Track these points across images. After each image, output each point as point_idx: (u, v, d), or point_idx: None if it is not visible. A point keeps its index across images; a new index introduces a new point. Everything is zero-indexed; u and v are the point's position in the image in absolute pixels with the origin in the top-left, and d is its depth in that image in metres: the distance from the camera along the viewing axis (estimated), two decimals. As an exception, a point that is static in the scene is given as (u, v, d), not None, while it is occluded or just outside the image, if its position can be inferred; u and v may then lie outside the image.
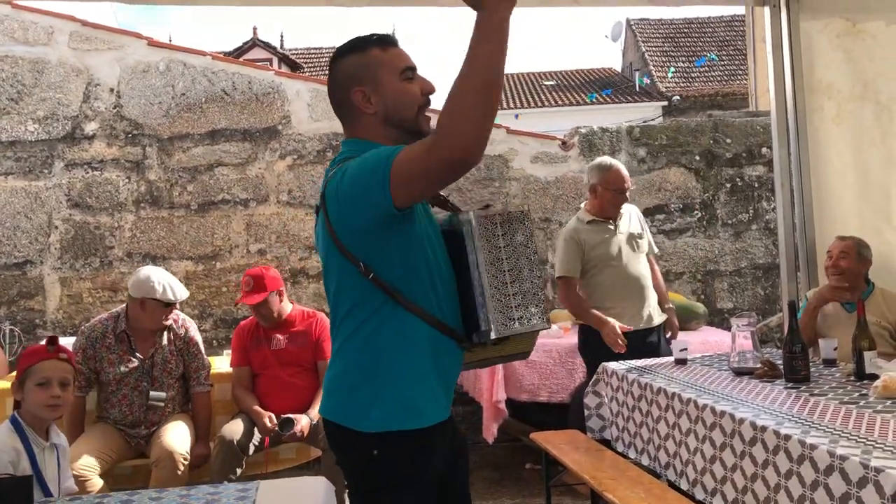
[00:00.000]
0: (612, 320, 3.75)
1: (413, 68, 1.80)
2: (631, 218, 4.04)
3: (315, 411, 3.71)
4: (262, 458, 3.73)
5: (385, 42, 1.81)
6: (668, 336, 4.03)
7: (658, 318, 3.99)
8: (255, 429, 3.68)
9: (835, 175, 4.08)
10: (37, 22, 5.35)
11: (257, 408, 3.71)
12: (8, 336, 5.09)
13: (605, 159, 4.03)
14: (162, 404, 3.61)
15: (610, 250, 3.89)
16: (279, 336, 3.84)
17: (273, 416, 3.65)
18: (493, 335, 1.72)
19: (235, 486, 2.32)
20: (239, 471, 3.52)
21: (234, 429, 3.60)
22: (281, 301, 3.84)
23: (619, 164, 4.00)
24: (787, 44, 4.19)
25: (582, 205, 4.07)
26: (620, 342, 3.69)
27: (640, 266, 3.96)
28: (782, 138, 4.24)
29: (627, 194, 3.94)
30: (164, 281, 3.61)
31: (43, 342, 2.56)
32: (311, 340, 3.84)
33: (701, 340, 4.42)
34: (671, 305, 4.12)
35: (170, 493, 2.27)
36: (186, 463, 3.43)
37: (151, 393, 3.59)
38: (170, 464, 3.36)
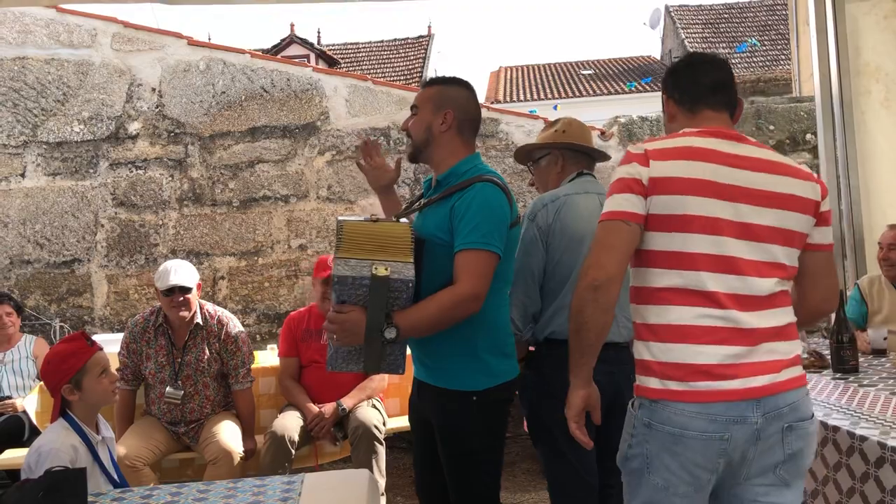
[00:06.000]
0: None
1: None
2: None
3: (350, 401, 3.74)
4: (309, 451, 3.77)
5: None
6: None
7: None
8: (304, 422, 3.71)
9: (883, 160, 3.99)
10: (81, 24, 5.46)
11: (311, 405, 3.75)
12: (58, 332, 5.22)
13: None
14: (178, 401, 3.61)
15: None
16: None
17: (324, 410, 3.70)
18: None
19: (281, 479, 2.34)
20: (287, 465, 3.55)
21: (285, 424, 3.62)
22: None
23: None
24: (831, 26, 4.09)
25: None
26: None
27: None
28: (827, 124, 4.16)
29: None
30: (169, 267, 3.62)
31: (68, 341, 2.61)
32: None
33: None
34: None
35: (217, 486, 2.31)
36: (241, 460, 3.49)
37: (168, 389, 3.60)
38: (227, 462, 3.42)
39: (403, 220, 2.30)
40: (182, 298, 3.58)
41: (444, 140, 2.33)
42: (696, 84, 1.92)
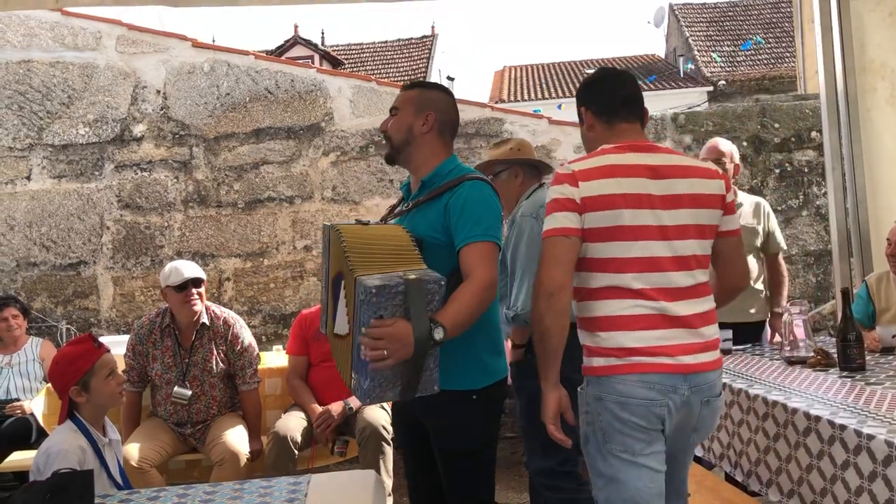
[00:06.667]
0: None
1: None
2: (750, 210, 3.78)
3: (357, 401, 3.73)
4: (312, 453, 3.77)
5: None
6: (768, 338, 3.78)
7: (759, 316, 3.77)
8: (307, 423, 3.71)
9: (889, 157, 3.98)
10: (85, 27, 5.47)
11: (315, 406, 3.74)
12: (65, 335, 5.23)
13: (711, 139, 3.88)
14: (185, 402, 3.61)
15: None
16: None
17: (332, 409, 3.69)
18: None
19: (287, 480, 2.35)
20: (291, 465, 3.55)
21: (288, 424, 3.63)
22: None
23: (719, 139, 3.82)
24: (836, 24, 4.08)
25: None
26: None
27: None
28: (832, 121, 4.15)
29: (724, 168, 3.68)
30: (175, 266, 3.65)
31: (75, 343, 2.62)
32: None
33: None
34: (780, 310, 3.68)
35: (224, 488, 2.31)
36: (248, 461, 3.49)
37: (175, 388, 3.60)
38: (233, 463, 3.42)
39: (391, 222, 2.32)
40: (195, 292, 3.61)
41: (424, 141, 2.36)
42: (612, 98, 2.19)
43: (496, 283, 2.16)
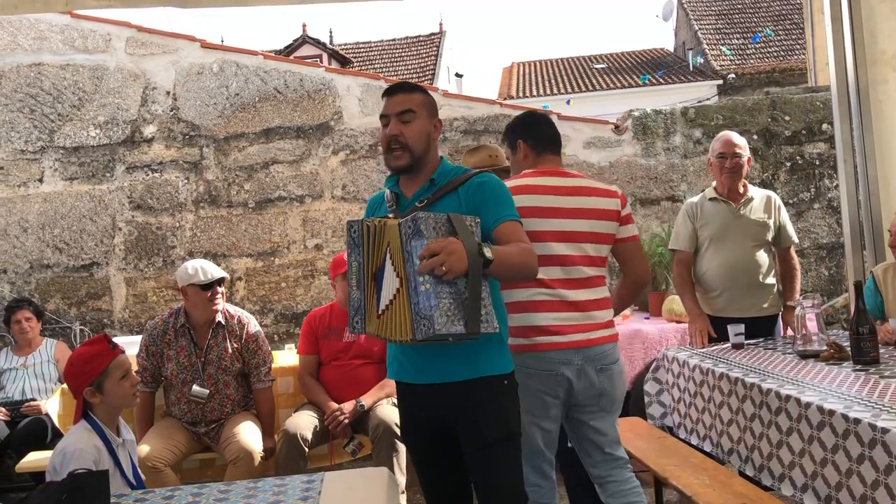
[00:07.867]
0: (703, 320, 3.66)
1: (385, 115, 2.35)
2: (761, 205, 3.79)
3: (369, 399, 3.74)
4: (326, 450, 3.78)
5: (385, 93, 2.40)
6: (780, 331, 3.79)
7: (772, 310, 3.75)
8: (318, 421, 3.72)
9: (901, 149, 3.95)
10: (95, 30, 5.50)
11: (331, 403, 3.75)
12: (78, 336, 5.26)
13: (722, 132, 3.88)
14: (202, 400, 3.62)
15: (719, 231, 3.72)
16: None
17: (344, 408, 3.69)
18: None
19: (301, 479, 2.35)
20: (302, 463, 3.56)
21: (298, 422, 3.64)
22: None
23: (732, 133, 3.82)
24: (847, 15, 4.06)
25: (714, 182, 3.90)
26: (699, 343, 3.61)
27: (755, 254, 3.71)
28: (844, 113, 4.12)
29: (737, 162, 3.72)
30: (198, 265, 3.67)
31: (90, 344, 2.64)
32: None
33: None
34: (793, 304, 3.62)
35: (238, 486, 2.32)
36: (262, 459, 3.50)
37: (194, 388, 3.62)
38: (247, 462, 3.44)
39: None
40: (219, 292, 3.67)
41: (434, 147, 2.41)
42: (542, 136, 2.81)
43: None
